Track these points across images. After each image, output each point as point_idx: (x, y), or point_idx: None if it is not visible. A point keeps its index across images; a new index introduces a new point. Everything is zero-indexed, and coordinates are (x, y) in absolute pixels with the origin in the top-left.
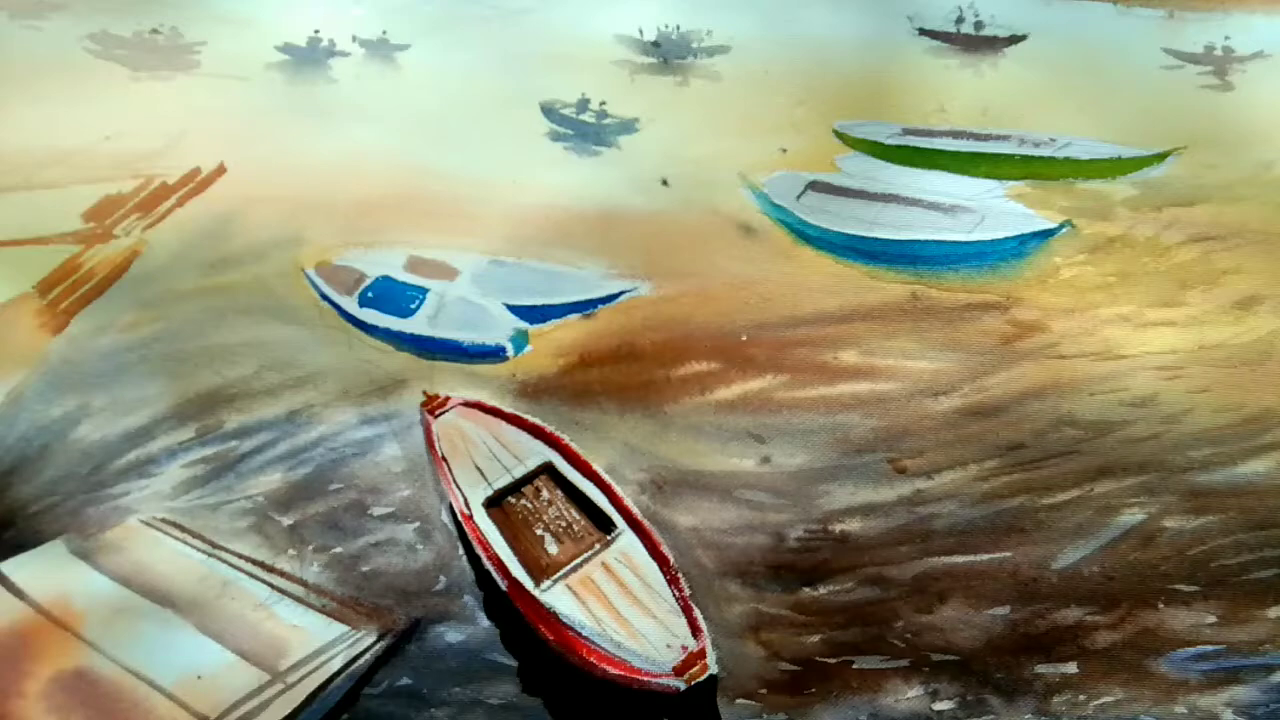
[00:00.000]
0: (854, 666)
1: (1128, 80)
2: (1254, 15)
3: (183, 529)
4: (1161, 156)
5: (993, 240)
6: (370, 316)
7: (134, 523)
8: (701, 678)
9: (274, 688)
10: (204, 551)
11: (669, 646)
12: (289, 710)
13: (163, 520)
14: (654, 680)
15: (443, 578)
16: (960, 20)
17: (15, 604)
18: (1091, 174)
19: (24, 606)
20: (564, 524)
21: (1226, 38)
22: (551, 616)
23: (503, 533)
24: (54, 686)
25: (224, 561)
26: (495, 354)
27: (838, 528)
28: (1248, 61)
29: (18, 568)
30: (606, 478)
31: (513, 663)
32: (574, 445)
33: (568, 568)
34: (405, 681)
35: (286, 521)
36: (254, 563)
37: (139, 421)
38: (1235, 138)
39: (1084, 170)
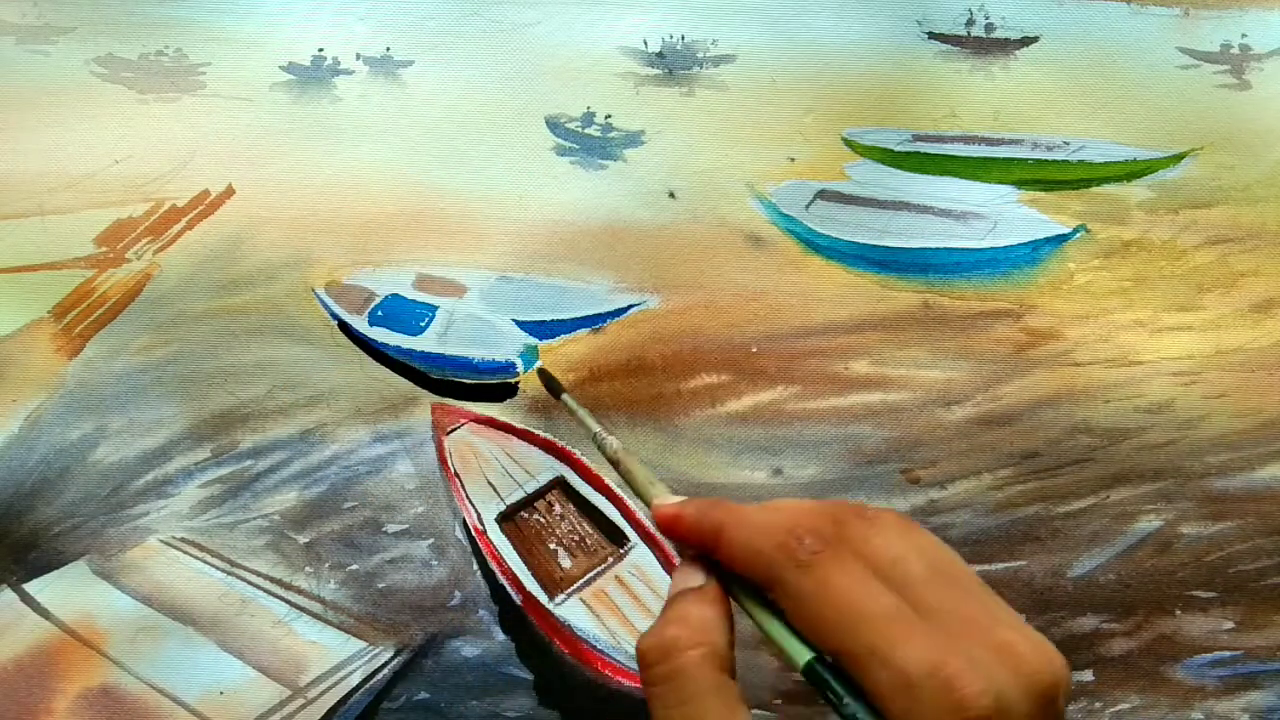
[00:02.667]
0: None
1: (1142, 81)
2: (1272, 12)
3: (201, 548)
4: (1178, 158)
5: (1005, 247)
6: (381, 335)
7: (154, 542)
8: None
9: (295, 703)
10: (223, 570)
11: None
12: None
13: (182, 540)
14: None
15: (458, 593)
16: (970, 23)
17: (41, 624)
18: (1106, 177)
19: (50, 626)
20: (577, 538)
21: (1244, 35)
22: (566, 630)
23: (516, 547)
24: (81, 703)
25: (242, 579)
26: (505, 370)
27: None
28: (1265, 59)
29: (43, 588)
30: (618, 491)
31: (529, 676)
32: (585, 459)
33: (581, 581)
34: (423, 696)
35: (302, 539)
36: (272, 580)
37: (156, 443)
38: (1253, 137)
39: (1099, 173)
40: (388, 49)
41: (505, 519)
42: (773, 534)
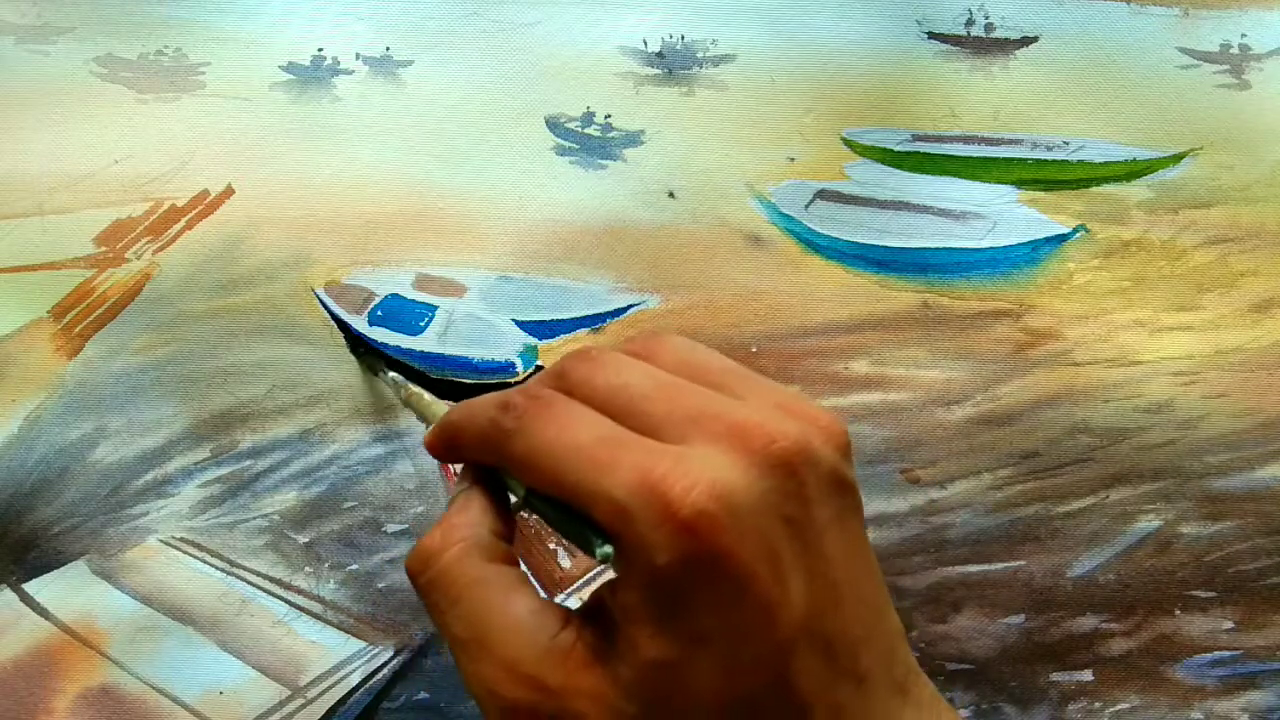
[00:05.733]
0: None
1: (1142, 81)
2: (1271, 12)
3: (201, 548)
4: (1177, 158)
5: (1005, 247)
6: (380, 335)
7: (153, 542)
8: None
9: (294, 703)
10: (222, 570)
11: None
12: None
13: (181, 539)
14: None
15: None
16: (970, 23)
17: (41, 623)
18: (1106, 177)
19: (49, 626)
20: None
21: (1243, 35)
22: None
23: (516, 547)
24: (81, 703)
25: (242, 579)
26: (505, 370)
27: None
28: (1265, 59)
29: (42, 588)
30: None
31: None
32: None
33: (581, 581)
34: (423, 695)
35: (302, 539)
36: (272, 580)
37: (155, 443)
38: (1252, 137)
39: (1098, 173)
40: (388, 49)
41: None
42: (486, 411)
